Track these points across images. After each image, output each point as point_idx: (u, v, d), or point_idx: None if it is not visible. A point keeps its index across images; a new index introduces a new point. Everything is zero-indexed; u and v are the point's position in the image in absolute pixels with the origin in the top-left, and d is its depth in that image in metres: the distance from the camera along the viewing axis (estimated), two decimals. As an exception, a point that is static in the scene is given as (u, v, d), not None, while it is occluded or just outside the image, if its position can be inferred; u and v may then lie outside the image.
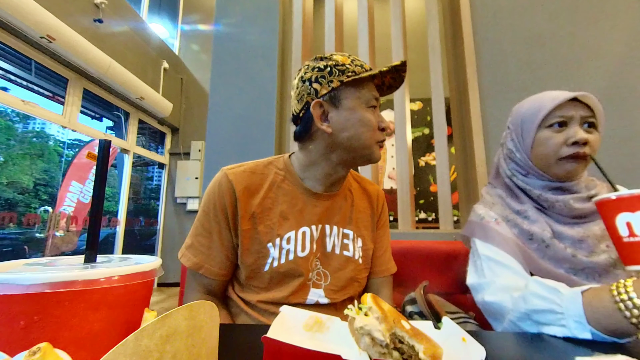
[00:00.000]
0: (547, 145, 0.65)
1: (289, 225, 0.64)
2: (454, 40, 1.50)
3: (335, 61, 0.63)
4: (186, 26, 4.94)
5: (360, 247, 0.71)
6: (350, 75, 0.62)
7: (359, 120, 0.63)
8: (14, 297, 0.21)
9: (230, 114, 1.44)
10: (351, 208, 0.73)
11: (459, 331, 0.36)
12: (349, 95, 0.63)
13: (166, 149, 4.61)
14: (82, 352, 0.22)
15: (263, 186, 0.65)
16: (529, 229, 0.65)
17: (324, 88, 0.62)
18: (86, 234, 0.31)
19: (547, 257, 0.62)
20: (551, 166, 0.65)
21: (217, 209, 0.62)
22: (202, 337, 0.21)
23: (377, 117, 0.65)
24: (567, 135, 0.63)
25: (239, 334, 0.45)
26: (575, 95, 0.64)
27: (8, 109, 2.69)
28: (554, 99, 0.65)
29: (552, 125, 0.65)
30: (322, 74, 0.63)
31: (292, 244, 0.63)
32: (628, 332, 0.42)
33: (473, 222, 0.72)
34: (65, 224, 3.05)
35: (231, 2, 1.55)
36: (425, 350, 0.28)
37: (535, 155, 0.68)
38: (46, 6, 2.46)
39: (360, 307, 0.32)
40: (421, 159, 3.50)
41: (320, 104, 0.63)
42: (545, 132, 0.66)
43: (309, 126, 0.65)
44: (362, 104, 0.63)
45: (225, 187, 0.63)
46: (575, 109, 0.64)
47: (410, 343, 0.28)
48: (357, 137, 0.63)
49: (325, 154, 0.65)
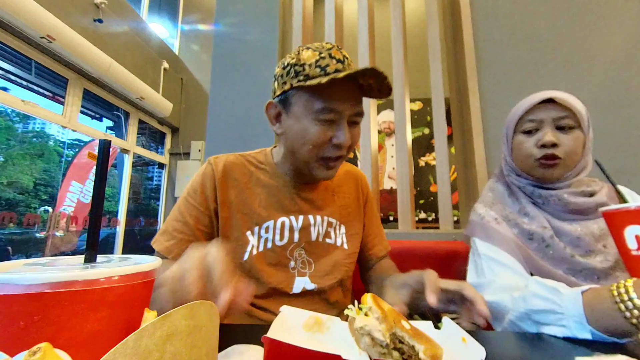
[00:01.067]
0: (521, 150, 0.68)
1: (268, 215, 0.65)
2: (454, 41, 1.50)
3: (298, 59, 0.57)
4: (186, 26, 4.94)
5: (344, 234, 0.72)
6: (301, 80, 0.55)
7: (300, 131, 0.57)
8: (14, 297, 0.21)
9: (230, 114, 1.44)
10: (333, 197, 0.73)
11: (459, 331, 0.36)
12: (298, 101, 0.57)
13: (166, 149, 4.61)
14: (82, 352, 0.22)
15: (243, 176, 0.67)
16: (529, 229, 0.65)
17: (279, 88, 0.60)
18: (86, 234, 0.31)
19: (547, 257, 0.62)
20: (531, 169, 0.67)
21: (197, 193, 0.63)
22: (202, 337, 0.21)
23: (332, 130, 0.57)
24: (537, 139, 0.65)
25: (239, 334, 0.45)
26: (546, 97, 0.64)
27: (8, 109, 2.69)
28: (527, 102, 0.66)
29: (525, 130, 0.67)
30: (282, 73, 0.59)
31: (271, 233, 0.64)
32: (628, 333, 0.42)
33: (473, 222, 0.72)
34: (65, 224, 3.05)
35: (231, 2, 1.55)
36: (426, 351, 0.28)
37: (515, 159, 0.70)
38: (46, 6, 2.46)
39: (360, 307, 0.32)
40: (421, 159, 3.50)
41: (273, 104, 0.62)
42: (519, 137, 0.68)
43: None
44: (310, 114, 0.56)
45: (207, 173, 0.64)
46: (546, 112, 0.64)
47: (410, 343, 0.28)
48: (297, 148, 0.60)
49: (286, 154, 0.66)
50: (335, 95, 0.55)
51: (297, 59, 0.57)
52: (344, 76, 0.51)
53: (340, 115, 0.57)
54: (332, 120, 0.57)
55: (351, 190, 0.77)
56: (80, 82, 3.13)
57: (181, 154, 4.53)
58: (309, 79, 0.54)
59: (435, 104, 1.41)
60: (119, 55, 3.33)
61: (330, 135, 0.57)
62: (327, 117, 0.56)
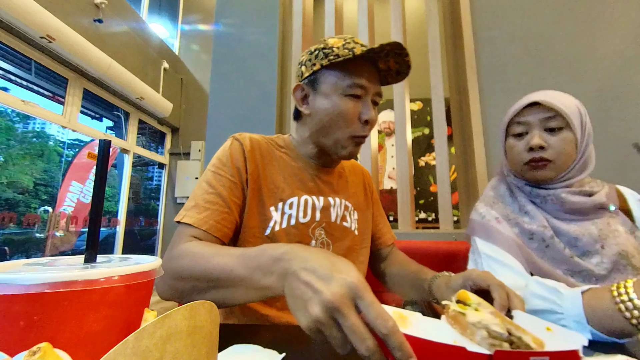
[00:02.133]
0: (512, 154, 0.69)
1: (291, 192, 0.65)
2: (454, 41, 1.50)
3: (325, 44, 0.62)
4: (186, 26, 4.94)
5: (357, 220, 0.74)
6: (331, 59, 0.59)
7: (332, 107, 0.60)
8: (14, 297, 0.21)
9: (230, 114, 1.44)
10: (346, 184, 0.76)
11: (539, 321, 0.35)
12: (328, 79, 0.61)
13: (166, 149, 4.61)
14: (82, 352, 0.22)
15: (267, 154, 0.67)
16: (530, 228, 0.65)
17: (307, 71, 0.63)
18: (86, 234, 0.31)
19: (547, 257, 0.62)
20: (522, 172, 0.68)
21: (227, 165, 0.62)
22: (202, 337, 0.21)
23: (358, 107, 0.61)
24: (526, 142, 0.65)
25: (239, 334, 0.45)
26: (532, 100, 0.64)
27: (8, 109, 2.69)
28: (515, 106, 0.67)
29: (515, 133, 0.68)
30: (310, 57, 0.63)
31: (295, 210, 0.64)
32: (628, 333, 0.42)
33: (474, 221, 0.72)
34: (65, 224, 3.06)
35: (231, 2, 1.55)
36: (534, 340, 0.29)
37: (508, 160, 0.71)
38: (46, 6, 2.46)
39: (467, 303, 0.34)
40: (421, 159, 3.50)
41: (301, 87, 0.65)
42: (510, 141, 0.69)
43: (297, 108, 0.67)
44: (339, 90, 0.60)
45: (235, 146, 0.64)
46: (534, 114, 0.65)
47: (517, 334, 0.29)
48: (328, 125, 0.61)
49: (309, 137, 0.67)
50: (361, 73, 0.60)
51: (325, 44, 0.62)
52: (369, 51, 0.57)
53: (366, 92, 0.61)
54: (358, 96, 0.61)
55: (359, 181, 0.80)
56: (80, 82, 3.13)
57: (181, 154, 4.53)
58: (338, 58, 0.59)
59: (435, 104, 1.41)
60: (119, 55, 3.33)
61: (358, 111, 0.61)
62: (355, 92, 0.60)
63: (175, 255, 0.50)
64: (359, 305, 0.29)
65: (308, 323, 0.30)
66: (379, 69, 0.64)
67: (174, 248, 0.52)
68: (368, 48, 0.58)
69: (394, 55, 0.61)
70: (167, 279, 0.50)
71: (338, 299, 0.29)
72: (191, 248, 0.49)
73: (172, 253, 0.51)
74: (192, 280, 0.46)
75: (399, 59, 0.62)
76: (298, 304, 0.32)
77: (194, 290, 0.47)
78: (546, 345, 0.29)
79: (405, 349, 0.26)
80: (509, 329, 0.29)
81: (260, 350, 0.37)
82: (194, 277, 0.46)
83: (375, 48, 0.57)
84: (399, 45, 0.58)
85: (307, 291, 0.31)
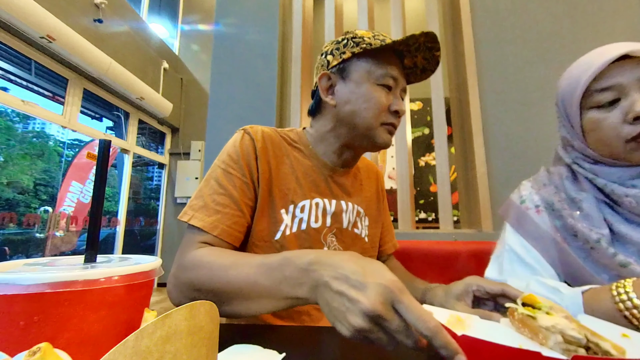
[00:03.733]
0: (600, 130, 0.51)
1: (303, 194, 0.61)
2: (454, 40, 1.50)
3: (354, 34, 0.61)
4: (186, 26, 4.94)
5: (367, 226, 0.71)
6: (364, 47, 0.58)
7: (364, 95, 0.58)
8: (14, 297, 0.21)
9: (230, 114, 1.44)
10: (361, 186, 0.72)
11: (614, 328, 0.33)
12: (359, 68, 0.59)
13: (166, 149, 4.61)
14: (82, 352, 0.22)
15: (279, 151, 0.62)
16: (574, 225, 0.53)
17: (335, 59, 0.61)
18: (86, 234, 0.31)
19: (591, 259, 0.51)
20: (619, 152, 0.50)
21: (238, 163, 0.57)
22: (202, 337, 0.21)
23: (390, 98, 0.60)
24: (623, 111, 0.48)
25: (239, 334, 0.45)
26: (620, 53, 0.48)
27: (8, 109, 2.69)
28: (591, 66, 0.50)
29: (600, 103, 0.50)
30: (338, 46, 0.62)
31: (306, 214, 0.60)
32: None
33: (511, 203, 0.62)
34: (65, 224, 3.05)
35: (231, 2, 1.55)
36: (614, 347, 0.27)
37: (592, 142, 0.53)
38: (46, 6, 2.46)
39: (536, 306, 0.33)
40: (421, 159, 3.50)
41: (328, 76, 0.62)
42: (593, 114, 0.51)
43: (319, 99, 0.64)
44: (372, 79, 0.59)
45: (247, 142, 0.59)
46: (624, 73, 0.48)
47: (594, 340, 0.28)
48: (359, 112, 0.59)
49: (332, 130, 0.63)
50: (392, 65, 0.60)
51: (354, 34, 0.60)
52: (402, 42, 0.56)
53: (397, 84, 0.61)
54: (389, 87, 0.60)
55: (373, 184, 0.77)
56: (80, 82, 3.13)
57: (181, 154, 4.53)
58: (371, 46, 0.58)
59: (435, 104, 1.41)
60: (119, 55, 3.33)
61: (389, 101, 0.60)
62: (386, 82, 0.59)
63: (189, 265, 0.47)
64: (398, 309, 0.29)
65: (351, 333, 0.30)
66: (404, 66, 0.63)
67: (185, 255, 0.49)
68: (400, 39, 0.56)
69: (424, 50, 0.60)
70: (183, 290, 0.47)
71: (377, 306, 0.29)
72: (206, 257, 0.47)
73: (184, 261, 0.48)
74: (212, 292, 0.44)
75: (427, 55, 0.61)
76: (337, 315, 0.32)
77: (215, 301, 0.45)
78: (627, 352, 0.27)
79: (451, 347, 0.26)
80: (585, 335, 0.28)
81: (260, 350, 0.37)
82: (214, 290, 0.44)
83: (409, 39, 0.56)
84: (434, 38, 0.57)
85: (344, 302, 0.31)
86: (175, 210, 4.41)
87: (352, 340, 0.31)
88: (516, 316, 0.33)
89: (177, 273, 0.48)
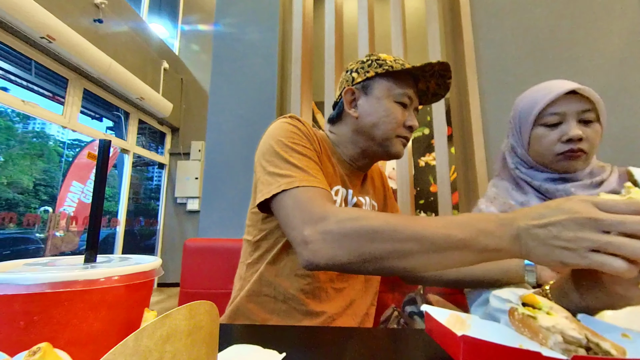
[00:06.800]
0: (542, 143, 0.66)
1: (335, 181, 0.67)
2: (454, 40, 1.50)
3: (378, 57, 0.69)
4: (186, 26, 4.94)
5: None
6: (387, 69, 0.66)
7: (384, 110, 0.66)
8: (14, 297, 0.21)
9: (230, 114, 1.44)
10: (373, 186, 0.80)
11: (614, 328, 0.33)
12: (381, 86, 0.67)
13: (166, 149, 4.61)
14: (82, 352, 0.22)
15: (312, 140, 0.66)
16: None
17: (360, 77, 0.69)
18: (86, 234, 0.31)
19: None
20: (550, 163, 0.66)
21: (300, 135, 0.62)
22: (202, 337, 0.21)
23: (405, 114, 0.67)
24: (561, 132, 0.63)
25: (239, 334, 0.45)
26: (569, 89, 0.62)
27: (8, 109, 2.69)
28: (548, 93, 0.64)
29: (547, 123, 0.65)
30: (362, 66, 0.69)
31: (339, 198, 0.66)
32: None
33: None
34: (66, 224, 3.06)
35: (231, 2, 1.55)
36: (615, 347, 0.27)
37: (532, 152, 0.69)
38: (46, 6, 2.46)
39: (536, 306, 0.33)
40: (421, 159, 3.50)
41: (352, 91, 0.69)
42: (540, 130, 0.66)
43: (341, 110, 0.71)
44: (391, 96, 0.66)
45: (294, 124, 0.64)
46: (569, 104, 0.63)
47: (594, 340, 0.28)
48: (378, 125, 0.66)
49: (351, 138, 0.70)
50: (409, 86, 0.68)
51: (377, 57, 0.69)
52: (419, 68, 0.65)
53: (411, 103, 0.69)
54: (405, 105, 0.67)
55: (380, 184, 0.84)
56: (80, 82, 3.13)
57: (181, 154, 4.53)
58: (392, 69, 0.66)
59: (435, 103, 1.41)
60: (119, 55, 3.33)
61: (404, 117, 0.67)
62: (403, 100, 0.67)
63: (352, 216, 0.45)
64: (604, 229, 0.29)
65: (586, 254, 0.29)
66: (418, 89, 0.71)
67: (329, 209, 0.47)
68: (418, 65, 0.64)
69: (437, 76, 0.68)
70: (351, 240, 0.44)
71: (590, 211, 0.29)
72: (363, 212, 0.48)
73: (337, 213, 0.46)
74: (395, 241, 0.41)
75: (440, 81, 0.69)
76: (555, 251, 0.31)
77: (394, 253, 0.42)
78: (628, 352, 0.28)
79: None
80: (586, 335, 0.28)
81: (260, 350, 0.37)
82: (398, 239, 0.41)
83: (426, 66, 0.64)
84: (447, 67, 0.66)
85: (552, 230, 0.31)
86: (175, 210, 4.41)
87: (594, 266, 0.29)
88: (516, 316, 0.33)
89: (332, 226, 0.45)
